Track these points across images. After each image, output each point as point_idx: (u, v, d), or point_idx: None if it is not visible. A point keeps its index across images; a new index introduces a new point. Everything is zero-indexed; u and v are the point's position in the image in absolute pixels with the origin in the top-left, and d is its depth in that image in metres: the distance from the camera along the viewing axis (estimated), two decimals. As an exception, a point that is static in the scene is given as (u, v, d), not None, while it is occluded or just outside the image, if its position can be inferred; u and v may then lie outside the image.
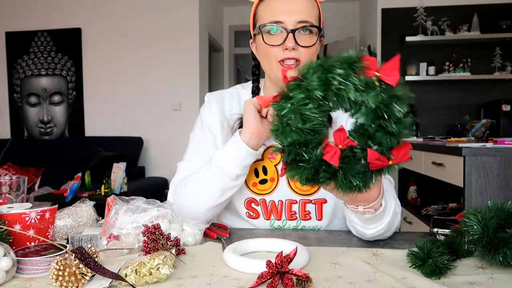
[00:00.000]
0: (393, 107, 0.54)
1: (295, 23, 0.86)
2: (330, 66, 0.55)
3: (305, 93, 0.56)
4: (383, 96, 0.54)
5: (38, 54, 4.36)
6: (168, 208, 0.83)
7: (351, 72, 0.55)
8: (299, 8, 0.87)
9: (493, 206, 0.66)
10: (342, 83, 0.55)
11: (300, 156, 0.57)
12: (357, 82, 0.55)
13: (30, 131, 4.44)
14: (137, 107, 4.22)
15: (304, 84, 0.56)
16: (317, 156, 0.57)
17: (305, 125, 0.56)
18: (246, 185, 0.97)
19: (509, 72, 3.55)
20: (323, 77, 0.55)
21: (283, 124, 0.58)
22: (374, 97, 0.54)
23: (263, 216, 0.97)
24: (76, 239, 0.76)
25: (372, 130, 0.56)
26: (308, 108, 0.56)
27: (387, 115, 0.55)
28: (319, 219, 0.96)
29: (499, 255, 0.61)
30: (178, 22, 4.13)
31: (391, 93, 0.55)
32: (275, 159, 0.96)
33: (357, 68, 0.55)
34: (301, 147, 0.57)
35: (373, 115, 0.55)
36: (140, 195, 0.89)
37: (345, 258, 0.70)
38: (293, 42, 0.85)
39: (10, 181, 0.86)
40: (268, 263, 0.57)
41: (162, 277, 0.60)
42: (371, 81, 0.55)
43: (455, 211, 2.45)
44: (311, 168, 0.57)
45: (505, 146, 1.83)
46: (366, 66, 0.55)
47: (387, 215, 0.78)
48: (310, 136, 0.57)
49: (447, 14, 3.63)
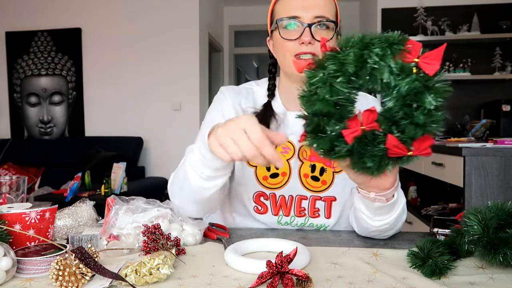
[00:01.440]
0: (424, 98, 0.53)
1: (312, 18, 0.86)
2: (369, 43, 0.54)
3: (338, 65, 0.55)
4: (417, 84, 0.53)
5: (38, 54, 4.36)
6: (168, 208, 0.83)
7: (389, 53, 0.53)
8: (316, 3, 0.87)
9: (493, 206, 0.66)
10: (377, 63, 0.53)
11: (321, 127, 0.57)
12: (393, 64, 0.53)
13: (30, 131, 4.44)
14: (137, 107, 4.22)
15: (339, 56, 0.55)
16: (337, 130, 0.56)
17: (331, 97, 0.55)
18: (257, 178, 0.95)
19: (509, 72, 3.55)
20: (359, 53, 0.54)
21: (311, 92, 0.57)
22: (407, 83, 0.53)
23: (271, 211, 0.96)
24: (76, 239, 0.76)
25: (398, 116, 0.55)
26: (338, 81, 0.55)
27: (417, 105, 0.53)
28: (328, 217, 0.96)
29: (499, 255, 0.61)
30: (178, 22, 4.13)
31: (426, 82, 0.53)
32: (287, 153, 0.95)
33: (397, 51, 0.53)
34: (323, 119, 0.56)
35: (402, 102, 0.54)
36: (140, 195, 0.89)
37: (345, 258, 0.70)
38: (309, 36, 0.85)
39: (10, 181, 0.86)
40: (268, 263, 0.57)
41: (162, 277, 0.60)
42: (408, 66, 0.53)
43: (455, 211, 2.45)
44: (328, 141, 0.57)
45: (505, 146, 1.83)
46: (407, 50, 0.53)
47: (397, 209, 0.78)
48: (333, 109, 0.56)
49: (447, 14, 3.63)
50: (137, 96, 4.22)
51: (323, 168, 0.95)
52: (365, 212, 0.79)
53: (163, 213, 0.81)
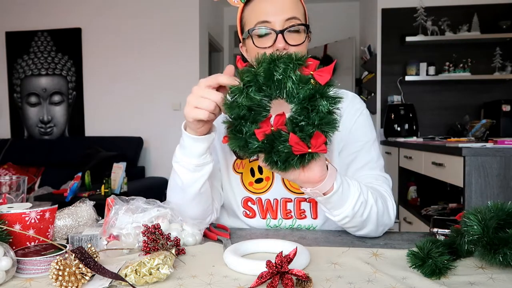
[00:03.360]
0: (318, 102, 0.65)
1: (283, 21, 0.86)
2: (276, 59, 0.67)
3: (252, 77, 0.67)
4: (312, 91, 0.65)
5: (38, 54, 4.36)
6: (168, 208, 0.83)
7: (290, 67, 0.66)
8: (284, 6, 0.87)
9: (493, 206, 0.66)
10: (282, 75, 0.66)
11: (238, 128, 0.68)
12: (293, 76, 0.66)
13: (30, 131, 4.44)
14: (137, 107, 4.22)
15: (252, 70, 0.68)
16: (250, 130, 0.68)
17: (246, 103, 0.67)
18: (243, 184, 0.98)
19: (509, 72, 3.54)
20: (267, 67, 0.67)
21: (232, 100, 0.69)
22: (305, 91, 0.66)
23: (259, 215, 0.98)
24: (76, 239, 0.76)
25: (299, 119, 0.66)
26: (251, 90, 0.67)
27: (311, 108, 0.66)
28: (314, 218, 0.97)
29: (499, 255, 0.61)
30: (178, 22, 4.13)
31: (319, 90, 0.65)
32: None
33: (297, 65, 0.66)
34: (240, 121, 0.68)
35: (301, 105, 0.66)
36: (140, 195, 0.89)
37: (345, 258, 0.70)
38: (283, 42, 0.86)
39: (10, 181, 0.86)
40: (268, 263, 0.57)
41: (162, 277, 0.60)
42: (306, 77, 0.66)
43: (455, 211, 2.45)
44: (243, 139, 0.68)
45: (505, 146, 1.83)
46: (305, 64, 0.67)
47: (351, 200, 0.78)
48: (248, 113, 0.67)
49: (447, 14, 3.62)
50: (137, 96, 4.22)
51: None
52: (324, 208, 0.82)
53: (163, 213, 0.81)
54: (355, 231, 0.85)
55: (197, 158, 0.83)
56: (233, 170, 0.99)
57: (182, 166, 0.85)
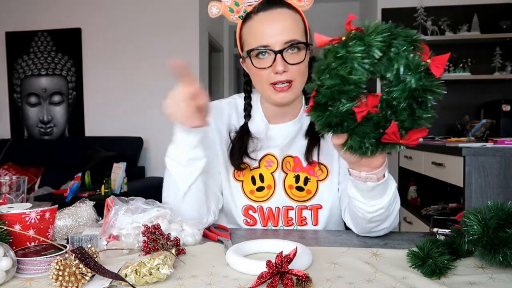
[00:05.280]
0: (428, 95, 0.58)
1: (282, 44, 0.85)
2: (397, 34, 0.58)
3: (365, 47, 0.58)
4: (425, 82, 0.58)
5: (38, 54, 4.35)
6: (167, 208, 0.83)
7: (410, 48, 0.58)
8: (283, 28, 0.86)
9: (493, 206, 0.66)
10: (399, 54, 0.58)
11: (334, 102, 0.60)
12: (411, 59, 0.58)
13: (30, 131, 4.43)
14: (137, 107, 4.22)
15: (366, 39, 0.58)
16: (349, 108, 0.59)
17: (350, 75, 0.58)
18: (244, 192, 0.98)
19: (509, 72, 3.54)
20: (388, 40, 0.57)
21: (332, 66, 0.59)
22: (417, 79, 0.58)
23: (261, 223, 0.98)
24: (76, 239, 0.76)
25: (400, 107, 0.59)
26: (362, 62, 0.58)
27: (421, 100, 0.58)
28: (315, 224, 0.98)
29: (499, 255, 0.61)
30: (178, 22, 4.13)
31: (432, 82, 0.58)
32: (271, 166, 0.98)
33: (417, 47, 0.58)
34: (339, 94, 0.59)
35: (409, 94, 0.58)
36: (140, 195, 0.89)
37: (345, 258, 0.70)
38: (282, 64, 0.85)
39: (10, 181, 0.86)
40: (268, 263, 0.57)
41: (162, 277, 0.60)
42: (422, 64, 0.58)
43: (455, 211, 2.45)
44: (339, 116, 0.60)
45: (505, 146, 1.83)
46: (423, 50, 0.59)
47: (389, 191, 0.79)
48: (351, 87, 0.59)
49: (447, 14, 3.62)
50: (137, 96, 4.22)
51: (307, 177, 0.96)
52: (359, 199, 0.80)
53: (162, 213, 0.81)
54: (374, 227, 0.84)
55: (188, 151, 0.85)
56: (234, 178, 0.99)
57: (173, 160, 0.86)
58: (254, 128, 0.99)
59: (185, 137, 0.84)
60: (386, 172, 0.76)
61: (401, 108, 0.59)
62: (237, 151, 0.96)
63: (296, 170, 0.97)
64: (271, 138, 0.99)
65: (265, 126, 1.00)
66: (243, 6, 0.92)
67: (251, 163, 0.97)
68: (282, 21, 0.86)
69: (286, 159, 0.97)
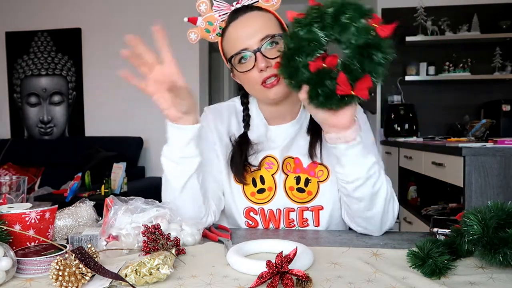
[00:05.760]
0: (375, 52, 0.69)
1: (258, 42, 0.88)
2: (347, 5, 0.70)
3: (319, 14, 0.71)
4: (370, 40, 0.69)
5: (38, 54, 4.35)
6: (167, 208, 0.83)
7: (357, 16, 0.70)
8: (256, 28, 0.89)
9: (493, 206, 0.66)
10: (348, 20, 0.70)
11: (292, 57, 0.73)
12: (359, 23, 0.70)
13: (30, 131, 4.43)
14: (137, 107, 4.21)
15: (322, 9, 0.72)
16: (304, 61, 0.72)
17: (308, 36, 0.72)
18: (245, 194, 0.98)
19: (509, 72, 3.54)
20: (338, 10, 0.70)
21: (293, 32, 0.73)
22: (365, 38, 0.69)
23: (262, 225, 0.98)
24: (76, 239, 0.76)
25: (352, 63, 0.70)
26: (316, 26, 0.72)
27: (367, 55, 0.70)
28: (316, 226, 0.98)
29: (499, 255, 0.61)
30: (178, 22, 4.11)
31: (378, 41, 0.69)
32: (272, 168, 0.98)
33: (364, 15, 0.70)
34: (295, 51, 0.73)
35: (357, 51, 0.70)
36: (140, 195, 0.89)
37: (345, 258, 0.70)
38: (264, 60, 0.88)
39: (10, 181, 0.86)
40: (268, 263, 0.57)
41: (162, 277, 0.60)
42: (369, 27, 0.70)
43: (455, 211, 2.45)
44: (295, 67, 0.73)
45: (505, 146, 1.83)
46: (371, 17, 0.71)
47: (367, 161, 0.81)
48: (306, 45, 0.72)
49: (447, 14, 3.62)
50: (137, 96, 4.18)
51: (308, 179, 0.97)
52: (338, 169, 0.83)
53: (162, 213, 0.81)
54: (362, 209, 0.84)
55: (181, 149, 0.87)
56: (235, 180, 0.99)
57: (167, 158, 0.90)
58: (254, 135, 1.00)
59: (176, 134, 0.86)
60: (359, 137, 0.79)
61: (352, 64, 0.70)
62: (237, 160, 0.97)
63: (297, 171, 0.97)
64: (271, 139, 0.99)
65: (265, 127, 1.00)
66: (217, 23, 0.97)
67: (250, 167, 0.98)
68: (253, 23, 0.90)
69: (286, 160, 0.98)
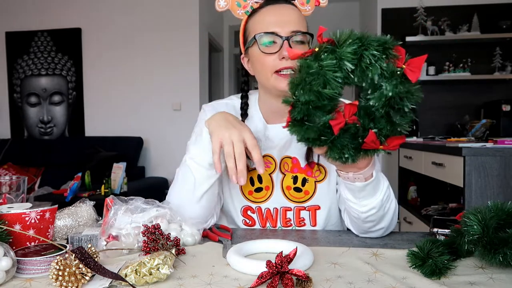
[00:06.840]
0: (405, 101, 0.58)
1: (289, 32, 0.87)
2: (368, 44, 0.57)
3: (337, 60, 0.57)
4: (401, 88, 0.57)
5: (38, 54, 4.35)
6: (167, 208, 0.83)
7: (383, 57, 0.57)
8: (290, 19, 0.88)
9: (493, 206, 0.66)
10: (372, 64, 0.57)
11: (310, 117, 0.60)
12: (385, 67, 0.57)
13: (30, 131, 4.43)
14: (137, 107, 4.22)
15: (338, 52, 0.58)
16: (325, 121, 0.59)
17: (325, 89, 0.58)
18: (242, 193, 0.98)
19: (509, 72, 3.54)
20: (359, 52, 0.57)
21: (306, 81, 0.58)
22: (393, 86, 0.57)
23: (259, 224, 0.99)
24: (76, 239, 0.76)
25: (378, 114, 0.59)
26: (335, 76, 0.58)
27: (398, 107, 0.58)
28: (313, 225, 0.98)
29: (499, 255, 0.61)
30: (178, 22, 4.13)
31: (408, 88, 0.57)
32: (269, 167, 0.98)
33: (390, 55, 0.57)
34: (315, 110, 0.59)
35: (385, 102, 0.58)
36: (140, 195, 0.89)
37: (345, 258, 0.70)
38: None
39: (10, 181, 0.86)
40: (268, 263, 0.57)
41: (162, 277, 0.60)
42: (396, 71, 0.57)
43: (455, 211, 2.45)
44: (316, 131, 0.60)
45: (505, 146, 1.83)
46: (398, 56, 0.58)
47: (381, 190, 0.80)
48: (326, 102, 0.59)
49: (447, 14, 3.62)
50: (137, 96, 4.22)
51: (305, 178, 0.97)
52: (351, 199, 0.81)
53: (161, 213, 0.81)
54: (370, 227, 0.84)
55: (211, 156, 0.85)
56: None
57: (196, 162, 0.88)
58: (252, 128, 0.99)
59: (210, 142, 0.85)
60: (375, 172, 0.76)
61: (378, 116, 0.59)
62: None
63: (294, 171, 0.97)
64: (269, 138, 0.99)
65: (263, 126, 1.00)
66: (250, 2, 0.95)
67: (249, 164, 0.97)
68: (290, 14, 0.89)
69: (284, 160, 0.98)
